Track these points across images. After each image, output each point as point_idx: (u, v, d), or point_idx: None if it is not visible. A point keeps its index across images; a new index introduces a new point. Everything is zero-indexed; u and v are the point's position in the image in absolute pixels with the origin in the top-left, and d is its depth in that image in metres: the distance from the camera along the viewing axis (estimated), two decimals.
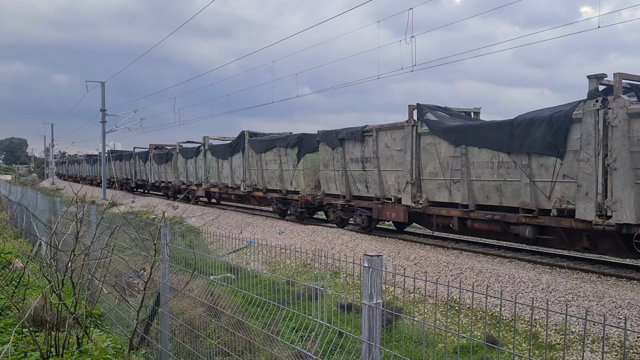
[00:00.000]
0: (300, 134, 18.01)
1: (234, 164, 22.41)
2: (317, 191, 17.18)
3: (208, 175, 24.99)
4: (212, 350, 4.80)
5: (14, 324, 5.49)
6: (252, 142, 20.70)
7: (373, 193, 14.44)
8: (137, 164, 35.59)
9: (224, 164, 23.31)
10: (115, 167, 40.77)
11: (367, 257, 2.48)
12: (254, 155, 20.43)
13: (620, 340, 6.96)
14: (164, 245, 4.90)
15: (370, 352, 2.46)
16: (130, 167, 37.24)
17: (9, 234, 12.71)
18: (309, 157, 17.44)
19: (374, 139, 14.20)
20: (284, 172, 18.43)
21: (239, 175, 21.79)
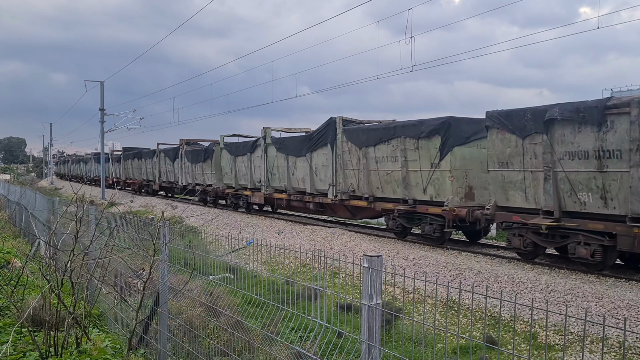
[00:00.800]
0: (446, 118, 12.55)
1: (316, 162, 17.00)
2: (469, 202, 12.49)
3: (271, 177, 19.54)
4: (211, 350, 4.80)
5: (12, 324, 5.49)
6: (350, 132, 15.28)
7: (620, 209, 9.12)
8: (163, 162, 30.43)
9: (299, 162, 17.92)
10: (133, 167, 36.08)
11: (366, 257, 2.48)
12: (353, 150, 15.14)
13: (619, 340, 6.97)
14: (163, 245, 4.90)
15: (369, 353, 2.46)
16: (153, 166, 31.97)
17: (7, 234, 12.70)
18: (458, 151, 12.45)
19: (633, 119, 8.65)
20: (411, 174, 13.38)
21: (325, 177, 16.50)
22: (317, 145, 16.85)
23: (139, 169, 34.78)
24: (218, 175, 23.88)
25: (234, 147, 22.65)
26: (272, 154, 19.38)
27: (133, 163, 36.22)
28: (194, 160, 25.93)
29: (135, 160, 35.81)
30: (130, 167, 36.93)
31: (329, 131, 16.21)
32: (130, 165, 36.91)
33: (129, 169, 37.41)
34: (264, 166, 19.71)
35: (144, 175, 33.91)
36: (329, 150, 16.23)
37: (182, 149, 27.30)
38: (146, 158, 33.36)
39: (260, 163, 19.95)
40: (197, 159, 25.54)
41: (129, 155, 37.57)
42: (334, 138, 15.92)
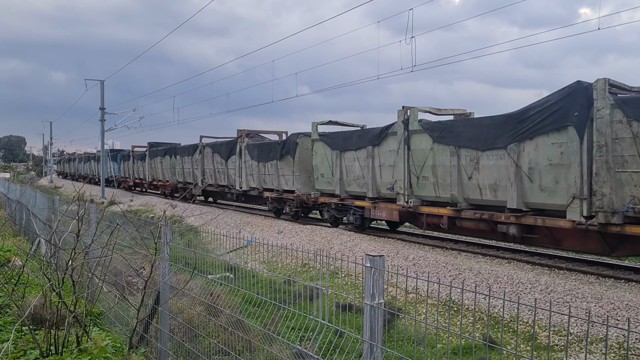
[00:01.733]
0: None
1: (534, 158, 10.11)
2: None
3: (418, 182, 12.89)
4: (212, 350, 4.81)
5: (13, 322, 5.49)
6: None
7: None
8: (210, 160, 24.17)
9: (486, 159, 11.14)
10: (163, 166, 29.86)
11: (369, 257, 2.48)
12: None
13: (619, 341, 6.97)
14: (164, 244, 4.91)
15: (371, 352, 2.46)
16: (194, 165, 25.41)
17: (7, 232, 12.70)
18: None
19: None
20: None
21: (556, 182, 9.77)
22: (541, 129, 9.91)
23: (172, 169, 28.29)
24: (304, 177, 17.85)
25: (338, 139, 16.09)
26: (421, 146, 12.85)
27: (164, 161, 29.51)
28: (262, 157, 19.87)
29: (167, 157, 29.00)
30: (158, 165, 30.53)
31: (570, 103, 9.34)
32: (158, 164, 30.51)
33: (157, 168, 30.88)
34: (404, 165, 13.31)
35: (180, 176, 27.42)
36: (570, 137, 9.38)
37: (240, 143, 21.11)
38: (183, 155, 26.62)
39: (396, 160, 13.56)
40: (267, 156, 19.43)
41: (158, 151, 30.75)
42: (586, 114, 9.06)
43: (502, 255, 12.12)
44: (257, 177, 20.38)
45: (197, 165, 25.35)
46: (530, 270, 10.55)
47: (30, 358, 4.60)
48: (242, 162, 21.20)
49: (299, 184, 17.93)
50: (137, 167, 35.88)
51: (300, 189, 17.88)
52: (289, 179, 18.52)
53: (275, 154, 18.97)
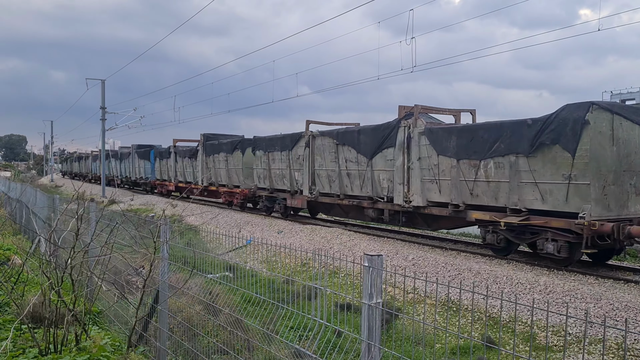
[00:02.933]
0: None
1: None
2: None
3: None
4: (210, 349, 4.81)
5: (12, 320, 5.49)
6: None
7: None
8: (328, 157, 16.17)
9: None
10: (230, 165, 22.35)
11: (367, 256, 2.49)
12: None
13: (618, 342, 6.98)
14: (164, 243, 4.91)
15: (369, 352, 2.47)
16: (292, 164, 18.00)
17: (7, 231, 12.71)
18: None
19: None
20: None
21: None
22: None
23: (246, 169, 21.09)
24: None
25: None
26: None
27: (231, 159, 22.06)
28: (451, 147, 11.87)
29: (237, 153, 21.60)
30: (221, 165, 23.01)
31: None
32: (221, 163, 23.00)
33: (218, 168, 23.33)
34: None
35: (262, 179, 20.00)
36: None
37: (412, 128, 12.85)
38: (273, 149, 19.15)
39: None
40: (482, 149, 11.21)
41: (221, 146, 23.05)
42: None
43: (501, 255, 12.12)
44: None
45: (298, 164, 17.43)
46: (529, 270, 10.56)
47: (29, 356, 4.60)
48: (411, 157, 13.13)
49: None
50: (183, 166, 27.55)
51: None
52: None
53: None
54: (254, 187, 20.85)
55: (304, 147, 17.18)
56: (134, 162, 35.96)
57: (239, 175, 21.80)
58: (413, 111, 13.14)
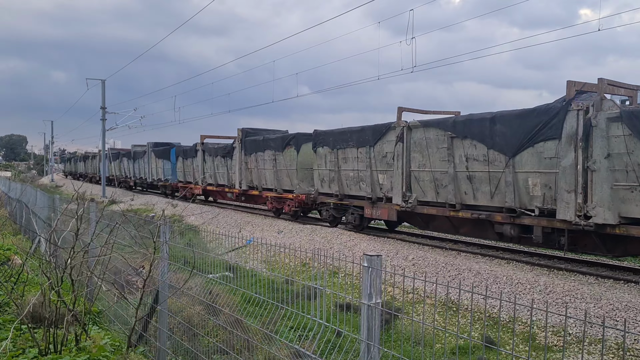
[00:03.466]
0: None
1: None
2: None
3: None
4: (210, 349, 4.81)
5: (12, 320, 5.49)
6: None
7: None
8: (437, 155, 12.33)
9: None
10: (280, 165, 18.48)
11: (366, 256, 2.49)
12: None
13: (617, 342, 6.98)
14: (164, 243, 4.91)
15: (369, 352, 2.47)
16: (377, 163, 14.25)
17: (8, 231, 12.72)
18: None
19: None
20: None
21: None
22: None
23: (302, 170, 17.57)
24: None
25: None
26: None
27: (281, 158, 18.30)
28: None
29: (290, 151, 17.90)
30: (266, 165, 19.25)
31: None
32: (266, 163, 19.27)
33: (261, 169, 19.64)
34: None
35: (326, 183, 16.28)
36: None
37: (594, 111, 9.26)
38: (342, 146, 15.39)
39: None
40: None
41: (266, 142, 19.18)
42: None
43: (501, 255, 12.13)
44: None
45: (385, 164, 13.91)
46: (529, 270, 10.56)
47: (29, 356, 4.60)
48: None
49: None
50: (214, 166, 23.60)
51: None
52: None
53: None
54: (314, 192, 16.91)
55: (394, 142, 13.37)
56: (151, 162, 31.48)
57: (292, 177, 18.00)
58: (590, 89, 9.55)
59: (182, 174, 27.33)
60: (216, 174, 23.66)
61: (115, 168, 40.01)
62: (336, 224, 16.53)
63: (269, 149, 19.12)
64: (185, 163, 26.83)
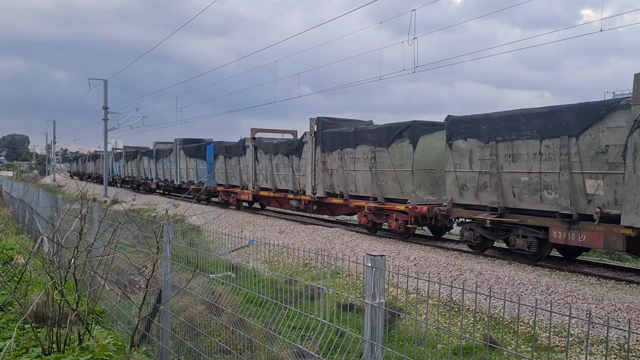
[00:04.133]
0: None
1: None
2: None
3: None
4: (213, 348, 4.82)
5: (15, 320, 5.52)
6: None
7: None
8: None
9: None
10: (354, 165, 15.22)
11: (370, 256, 2.49)
12: None
13: (619, 343, 6.97)
14: (167, 243, 4.93)
15: (372, 352, 2.48)
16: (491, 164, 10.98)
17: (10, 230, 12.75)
18: None
19: None
20: None
21: None
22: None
23: (426, 173, 13.61)
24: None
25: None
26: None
27: (385, 155, 14.02)
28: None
29: (399, 145, 13.66)
30: (360, 164, 14.94)
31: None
32: (362, 161, 14.86)
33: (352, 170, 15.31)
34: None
35: (473, 190, 11.77)
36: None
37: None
38: (509, 137, 10.80)
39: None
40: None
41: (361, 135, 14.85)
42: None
43: (503, 256, 12.12)
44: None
45: (603, 162, 9.31)
46: (531, 271, 10.55)
47: (33, 355, 4.62)
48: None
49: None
50: (272, 167, 19.20)
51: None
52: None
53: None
54: (445, 203, 12.25)
55: (626, 129, 8.68)
56: (179, 161, 26.92)
57: (404, 182, 13.52)
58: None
59: (224, 176, 22.76)
60: (275, 176, 19.12)
61: (132, 169, 36.04)
62: (483, 249, 12.15)
63: (363, 143, 14.57)
64: (228, 163, 22.35)
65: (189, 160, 26.14)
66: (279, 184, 19.30)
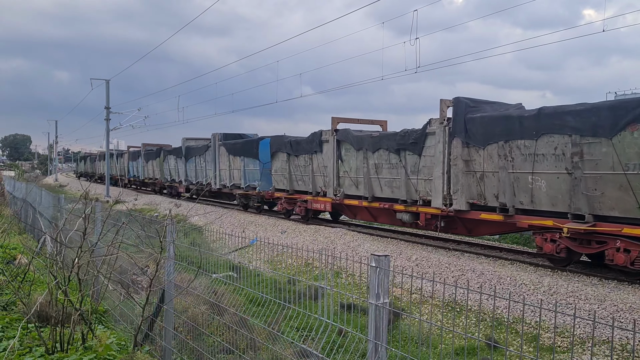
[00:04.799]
0: None
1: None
2: None
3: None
4: (215, 348, 4.83)
5: (19, 319, 5.53)
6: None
7: None
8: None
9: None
10: (540, 165, 10.02)
11: (374, 256, 2.50)
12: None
13: (622, 343, 6.97)
14: (170, 243, 4.94)
15: (376, 352, 2.48)
16: None
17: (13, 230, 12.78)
18: None
19: None
20: None
21: None
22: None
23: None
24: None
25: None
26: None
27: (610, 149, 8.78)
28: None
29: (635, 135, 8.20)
30: (549, 163, 9.90)
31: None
32: (551, 159, 9.85)
33: (530, 173, 10.26)
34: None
35: None
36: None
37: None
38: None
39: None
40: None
41: (559, 118, 9.61)
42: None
43: (504, 256, 12.12)
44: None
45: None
46: (533, 271, 10.55)
47: (36, 355, 4.64)
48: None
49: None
50: (367, 167, 14.75)
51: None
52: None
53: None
54: None
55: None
56: (219, 160, 22.72)
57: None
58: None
59: (286, 179, 18.55)
60: (372, 179, 14.50)
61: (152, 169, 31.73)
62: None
63: (555, 132, 9.86)
64: (293, 162, 18.14)
65: (233, 160, 21.76)
66: (378, 191, 14.39)
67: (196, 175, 25.84)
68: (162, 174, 30.62)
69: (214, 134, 23.67)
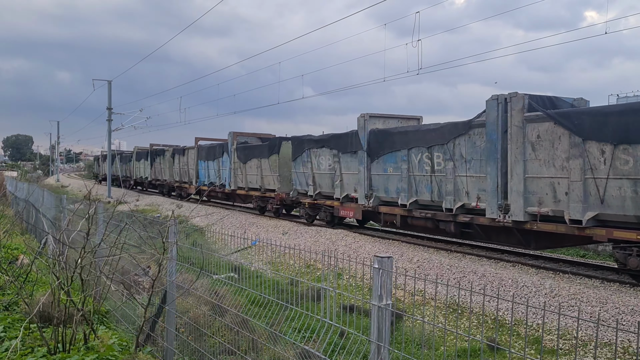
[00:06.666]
0: None
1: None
2: None
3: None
4: (217, 349, 4.84)
5: (21, 320, 5.54)
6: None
7: None
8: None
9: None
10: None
11: (377, 258, 2.50)
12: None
13: (624, 346, 6.96)
14: (172, 244, 4.94)
15: (379, 353, 2.48)
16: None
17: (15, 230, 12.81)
18: None
19: None
20: None
21: None
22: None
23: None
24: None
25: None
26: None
27: None
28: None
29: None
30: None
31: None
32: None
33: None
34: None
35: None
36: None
37: None
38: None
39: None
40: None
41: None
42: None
43: (506, 258, 12.11)
44: None
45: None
46: (534, 273, 10.53)
47: (38, 355, 4.64)
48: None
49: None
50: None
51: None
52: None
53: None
54: None
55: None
56: (320, 159, 16.81)
57: None
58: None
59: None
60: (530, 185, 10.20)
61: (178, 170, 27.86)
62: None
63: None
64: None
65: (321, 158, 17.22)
66: (547, 203, 9.97)
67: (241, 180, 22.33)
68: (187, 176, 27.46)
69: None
